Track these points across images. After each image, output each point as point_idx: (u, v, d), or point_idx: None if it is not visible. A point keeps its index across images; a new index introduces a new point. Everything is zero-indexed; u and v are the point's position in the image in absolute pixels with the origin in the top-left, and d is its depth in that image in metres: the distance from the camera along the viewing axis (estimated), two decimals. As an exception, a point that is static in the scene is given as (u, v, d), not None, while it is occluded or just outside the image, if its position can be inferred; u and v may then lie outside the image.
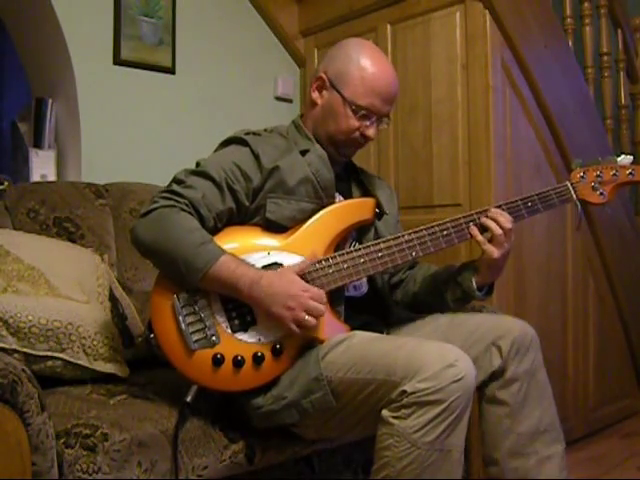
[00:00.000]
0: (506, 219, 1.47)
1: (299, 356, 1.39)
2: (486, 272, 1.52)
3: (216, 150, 1.55)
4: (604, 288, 2.74)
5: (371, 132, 1.52)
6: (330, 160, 1.53)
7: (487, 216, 1.48)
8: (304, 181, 1.49)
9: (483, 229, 1.49)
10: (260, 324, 1.37)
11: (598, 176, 1.57)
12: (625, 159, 1.58)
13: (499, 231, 1.46)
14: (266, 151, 1.49)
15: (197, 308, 1.36)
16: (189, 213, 1.38)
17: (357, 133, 1.53)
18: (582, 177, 1.57)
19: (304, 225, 1.47)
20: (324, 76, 1.53)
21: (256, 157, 1.47)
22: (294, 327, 1.33)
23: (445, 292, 1.58)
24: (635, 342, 2.91)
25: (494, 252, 1.47)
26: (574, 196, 1.56)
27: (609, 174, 1.57)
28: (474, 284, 1.52)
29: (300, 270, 1.38)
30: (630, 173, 1.57)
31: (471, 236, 1.49)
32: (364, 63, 1.50)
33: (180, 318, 1.35)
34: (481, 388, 1.46)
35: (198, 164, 1.49)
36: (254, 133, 1.54)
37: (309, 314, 1.33)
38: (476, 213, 1.50)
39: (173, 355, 1.36)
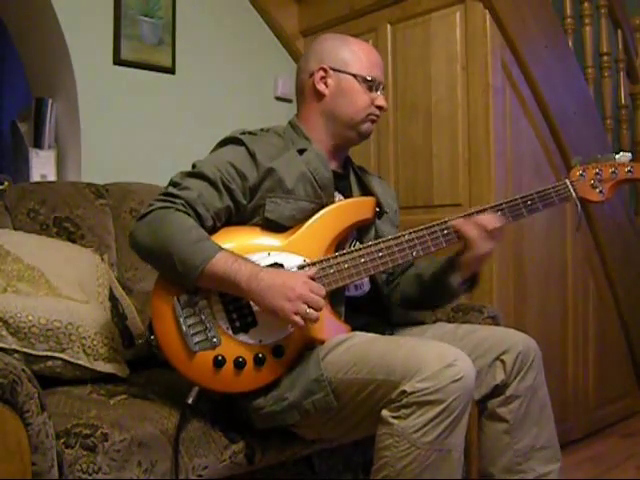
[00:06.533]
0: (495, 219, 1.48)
1: (300, 357, 1.38)
2: (467, 268, 1.53)
3: (212, 151, 1.55)
4: (604, 288, 2.74)
5: (382, 101, 1.58)
6: (328, 159, 1.54)
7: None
8: (302, 179, 1.49)
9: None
10: (261, 325, 1.37)
11: (597, 174, 1.54)
12: (623, 157, 1.56)
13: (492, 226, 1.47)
14: (262, 149, 1.49)
15: (197, 309, 1.36)
16: (185, 213, 1.38)
17: (372, 106, 1.57)
18: (581, 175, 1.55)
19: (304, 225, 1.47)
20: (325, 66, 1.56)
21: (252, 155, 1.48)
22: (297, 319, 1.30)
23: (433, 294, 1.59)
24: (635, 342, 2.92)
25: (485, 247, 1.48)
26: (573, 194, 1.54)
27: (608, 172, 1.55)
28: (459, 285, 1.54)
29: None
30: (629, 171, 1.55)
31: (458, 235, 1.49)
32: (351, 46, 1.59)
33: (181, 320, 1.35)
34: (482, 402, 1.46)
35: (194, 166, 1.49)
36: (250, 132, 1.54)
37: (309, 307, 1.31)
38: (476, 212, 1.49)
39: (174, 357, 1.35)
